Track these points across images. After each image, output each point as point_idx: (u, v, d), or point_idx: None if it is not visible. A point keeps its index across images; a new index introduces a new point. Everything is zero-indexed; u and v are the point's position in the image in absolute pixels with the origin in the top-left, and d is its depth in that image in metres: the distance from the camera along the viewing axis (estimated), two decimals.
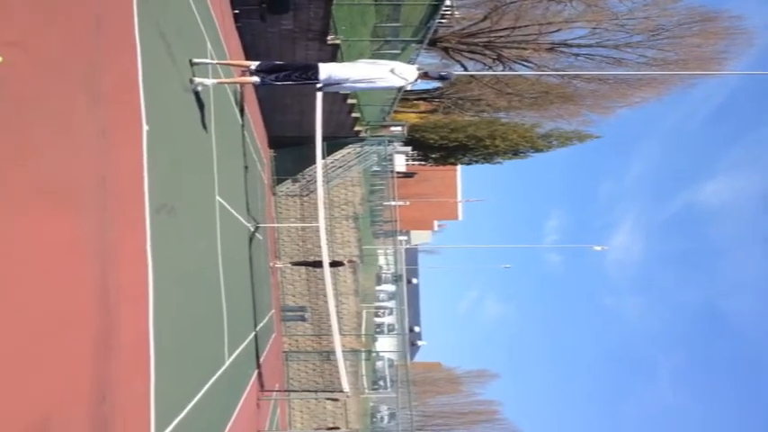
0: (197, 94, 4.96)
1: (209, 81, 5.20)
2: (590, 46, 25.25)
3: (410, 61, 12.01)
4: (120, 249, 2.97)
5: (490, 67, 26.19)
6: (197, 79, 4.89)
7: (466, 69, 26.25)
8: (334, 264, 12.36)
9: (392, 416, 23.76)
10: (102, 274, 2.77)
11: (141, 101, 3.44)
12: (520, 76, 25.67)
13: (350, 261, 14.13)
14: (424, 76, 5.25)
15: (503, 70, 25.81)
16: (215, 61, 5.62)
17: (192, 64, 4.82)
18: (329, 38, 9.44)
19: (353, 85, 5.08)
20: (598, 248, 28.70)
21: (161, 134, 3.78)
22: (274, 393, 9.56)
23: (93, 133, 2.76)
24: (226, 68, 6.63)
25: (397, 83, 5.10)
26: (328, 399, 14.55)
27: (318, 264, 12.31)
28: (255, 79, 5.09)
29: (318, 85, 5.03)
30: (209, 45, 5.78)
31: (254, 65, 5.13)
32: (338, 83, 4.99)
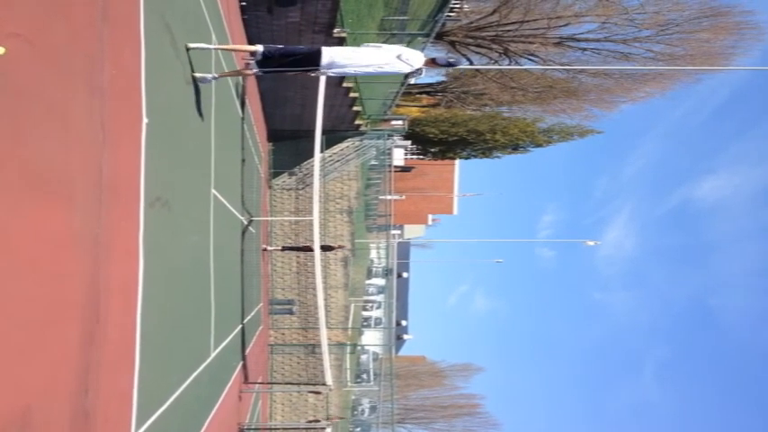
0: (197, 87, 4.94)
1: (210, 75, 5.10)
2: (598, 40, 25.19)
3: None
4: (112, 242, 2.97)
5: (496, 61, 26.16)
6: (198, 75, 4.84)
7: (471, 63, 26.24)
8: (325, 248, 12.37)
9: (373, 409, 23.87)
10: (93, 267, 2.77)
11: (142, 94, 3.43)
12: (525, 70, 25.62)
13: (339, 246, 14.15)
14: (431, 62, 4.93)
15: (508, 64, 25.79)
16: (214, 46, 5.36)
17: (187, 49, 4.55)
18: (335, 30, 9.41)
19: (357, 69, 4.76)
20: (591, 243, 28.90)
21: (160, 127, 3.77)
22: (257, 386, 9.58)
23: (91, 125, 2.76)
24: (228, 56, 6.58)
25: (404, 69, 4.80)
26: (311, 392, 14.59)
27: (309, 249, 12.31)
28: (256, 71, 4.80)
29: (321, 70, 4.74)
30: (213, 37, 5.76)
31: (258, 48, 4.76)
32: (341, 67, 4.71)
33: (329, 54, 4.69)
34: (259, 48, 4.71)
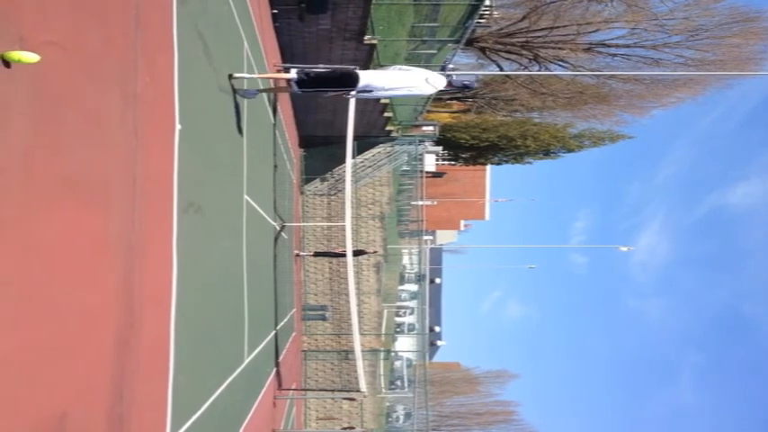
0: (230, 95, 4.99)
1: (254, 90, 5.37)
2: (628, 46, 24.80)
3: (446, 61, 11.87)
4: (146, 248, 2.99)
5: (526, 67, 25.87)
6: (241, 89, 5.03)
7: (501, 69, 25.98)
8: (357, 252, 12.35)
9: (408, 416, 23.63)
10: (128, 273, 2.78)
11: (176, 100, 3.46)
12: (555, 76, 25.30)
13: (374, 251, 14.09)
14: (449, 84, 5.38)
15: (538, 70, 25.46)
16: (255, 75, 5.76)
17: (230, 78, 4.92)
18: (366, 38, 9.41)
19: (388, 93, 5.16)
20: (624, 249, 28.24)
21: (193, 133, 3.80)
22: (291, 392, 9.60)
23: (125, 132, 2.78)
24: (263, 67, 6.68)
25: (429, 91, 5.21)
26: (345, 398, 14.55)
27: (341, 255, 12.31)
28: (295, 89, 5.16)
29: (352, 93, 5.09)
30: (245, 45, 5.82)
31: (293, 76, 5.14)
32: (375, 90, 5.04)
33: (366, 78, 5.00)
34: (293, 76, 5.09)
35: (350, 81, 4.95)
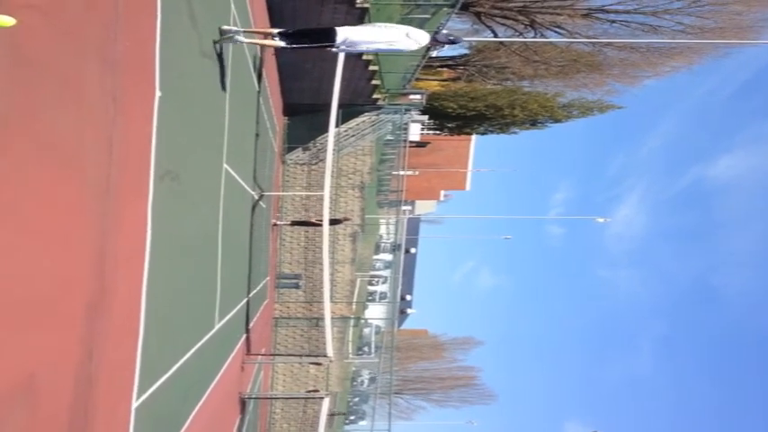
0: (215, 59, 4.90)
1: (240, 37, 5.26)
2: (627, 12, 24.36)
3: (440, 26, 11.72)
4: (120, 214, 3.00)
5: (521, 34, 25.40)
6: (225, 27, 4.98)
7: (496, 35, 25.54)
8: (334, 222, 12.44)
9: (372, 380, 24.32)
10: (101, 237, 2.81)
11: (156, 66, 3.41)
12: (550, 43, 24.88)
13: (345, 219, 14.19)
14: (434, 40, 5.40)
15: (534, 37, 25.04)
16: (241, 29, 5.61)
17: (221, 33, 4.95)
18: (358, 1, 9.22)
19: (369, 46, 5.21)
20: (601, 220, 28.76)
21: (173, 100, 3.76)
22: (259, 357, 9.79)
23: (103, 97, 2.75)
24: (248, 37, 6.56)
25: (411, 46, 5.22)
26: (312, 363, 14.89)
27: (318, 224, 12.37)
28: (280, 43, 5.20)
29: (335, 48, 5.16)
30: (233, 7, 5.68)
31: (276, 30, 5.25)
32: (355, 44, 5.12)
33: (343, 33, 5.07)
34: (275, 30, 5.22)
35: (329, 37, 5.07)
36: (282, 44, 5.16)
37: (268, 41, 5.50)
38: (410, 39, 5.14)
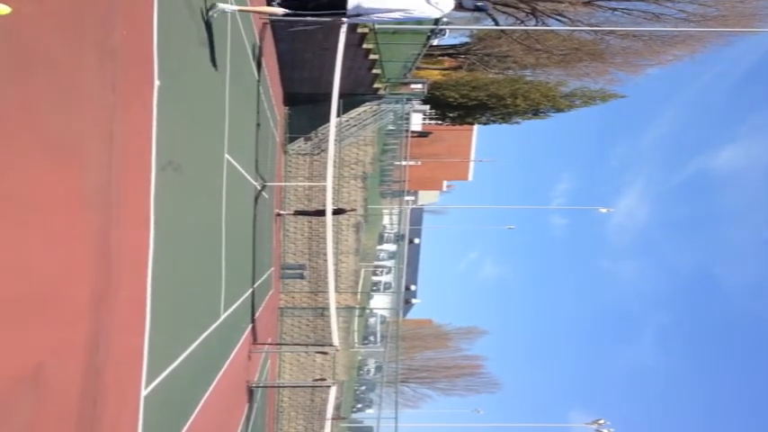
0: (212, 48, 4.84)
1: (230, 7, 4.85)
2: (629, 0, 24.13)
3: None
4: (123, 205, 3.00)
5: (522, 22, 25.19)
6: (219, 4, 4.65)
7: (497, 23, 25.26)
8: (336, 211, 12.43)
9: (378, 369, 24.55)
10: (104, 229, 2.81)
11: (154, 55, 3.38)
12: (552, 31, 24.55)
13: (352, 209, 14.17)
14: (459, 6, 4.83)
15: (535, 25, 24.83)
16: (236, 8, 5.36)
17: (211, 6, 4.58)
18: None
19: (384, 16, 4.63)
20: (604, 210, 28.79)
21: (173, 90, 3.73)
22: (266, 346, 9.87)
23: (102, 88, 2.73)
24: (246, 17, 6.45)
25: (433, 13, 4.70)
26: (318, 352, 15.02)
27: (321, 213, 12.34)
28: (280, 10, 4.73)
29: (345, 18, 4.65)
30: None
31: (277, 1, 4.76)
32: (368, 12, 4.59)
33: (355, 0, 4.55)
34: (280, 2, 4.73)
35: (338, 4, 4.55)
36: (282, 11, 4.67)
37: (266, 8, 5.14)
38: (431, 5, 4.59)
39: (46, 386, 2.25)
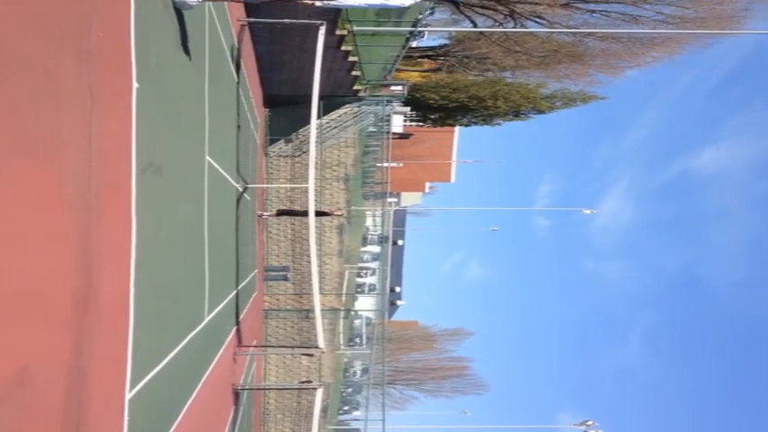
0: (189, 50, 4.83)
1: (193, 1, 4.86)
2: (607, 2, 24.40)
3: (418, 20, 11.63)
4: (103, 208, 3.00)
5: (500, 24, 25.45)
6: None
7: (475, 25, 25.51)
8: (320, 213, 12.42)
9: (365, 371, 24.56)
10: (86, 232, 2.81)
11: (132, 58, 3.37)
12: (531, 33, 24.82)
13: (336, 212, 14.17)
14: None
15: (514, 27, 25.12)
16: None
17: None
18: None
19: (356, 2, 5.02)
20: (587, 212, 29.26)
21: (151, 92, 3.73)
22: (251, 349, 9.82)
23: (80, 90, 2.73)
24: (220, 8, 6.37)
25: (405, 2, 4.98)
26: (303, 354, 14.98)
27: (304, 213, 12.31)
28: None
29: (319, 3, 4.97)
30: None
31: None
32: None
33: None
34: None
35: None
36: None
37: None
38: None
39: (31, 388, 2.25)
